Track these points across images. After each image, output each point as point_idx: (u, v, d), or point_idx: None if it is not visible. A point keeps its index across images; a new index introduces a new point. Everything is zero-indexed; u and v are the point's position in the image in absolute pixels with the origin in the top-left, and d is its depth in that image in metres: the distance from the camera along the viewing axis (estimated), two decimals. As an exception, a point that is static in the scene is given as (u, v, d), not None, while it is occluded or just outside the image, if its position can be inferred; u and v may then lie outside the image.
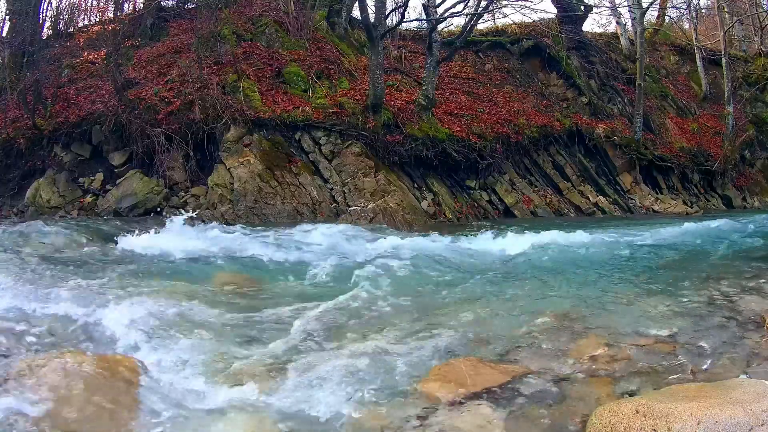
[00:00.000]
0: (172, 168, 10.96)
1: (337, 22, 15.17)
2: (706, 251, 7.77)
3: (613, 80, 16.96)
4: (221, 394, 2.93)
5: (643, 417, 2.42)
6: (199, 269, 6.02)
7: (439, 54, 13.08)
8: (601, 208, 14.05)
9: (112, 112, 11.09)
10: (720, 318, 4.18)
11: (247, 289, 5.34)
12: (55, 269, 5.52)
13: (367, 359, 3.42)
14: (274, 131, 11.08)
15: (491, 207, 12.98)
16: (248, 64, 12.33)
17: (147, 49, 13.48)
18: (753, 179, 17.45)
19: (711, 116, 18.19)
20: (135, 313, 3.96)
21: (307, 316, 4.28)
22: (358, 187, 10.81)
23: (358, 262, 6.40)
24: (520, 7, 23.92)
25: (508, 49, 17.09)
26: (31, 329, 3.56)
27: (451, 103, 14.02)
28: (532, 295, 5.11)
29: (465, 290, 5.36)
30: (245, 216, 9.95)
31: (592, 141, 14.73)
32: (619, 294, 5.13)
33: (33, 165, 11.52)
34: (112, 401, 2.61)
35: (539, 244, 7.65)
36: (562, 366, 3.37)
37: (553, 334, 3.94)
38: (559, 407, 2.87)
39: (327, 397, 2.92)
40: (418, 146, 11.86)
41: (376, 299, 4.93)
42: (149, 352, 3.40)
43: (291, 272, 6.19)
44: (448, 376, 3.17)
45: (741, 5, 20.99)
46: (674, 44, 21.10)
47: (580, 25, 17.61)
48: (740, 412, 2.38)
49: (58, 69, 12.61)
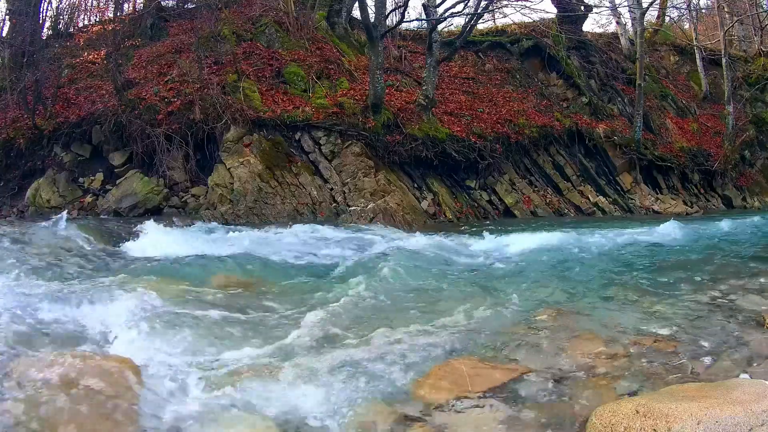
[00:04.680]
0: (172, 168, 10.96)
1: (337, 22, 15.16)
2: (706, 251, 7.76)
3: (613, 80, 16.95)
4: (220, 394, 2.93)
5: (643, 417, 2.42)
6: (198, 269, 6.01)
7: (439, 54, 13.08)
8: (601, 208, 14.04)
9: (112, 112, 11.09)
10: (720, 318, 4.18)
11: (245, 290, 5.34)
12: (55, 269, 5.52)
13: (365, 359, 3.42)
14: (274, 131, 11.07)
15: (491, 207, 12.98)
16: (248, 64, 12.33)
17: (147, 49, 13.48)
18: (753, 179, 17.43)
19: (711, 116, 18.18)
20: (134, 314, 3.96)
21: (305, 316, 4.28)
22: (358, 187, 10.81)
23: (358, 262, 6.40)
24: (520, 7, 23.94)
25: (508, 49, 17.09)
26: (31, 329, 3.56)
27: (451, 103, 14.02)
28: (531, 295, 5.11)
29: (464, 290, 5.35)
30: (245, 216, 9.95)
31: (592, 141, 14.72)
32: (619, 293, 5.13)
33: (33, 165, 11.52)
34: (111, 402, 2.61)
35: (539, 244, 7.65)
36: (562, 365, 3.37)
37: (552, 333, 3.94)
38: (558, 407, 2.87)
39: (325, 397, 2.92)
40: (418, 146, 11.85)
41: (375, 299, 4.93)
42: (148, 352, 3.40)
43: (290, 272, 6.18)
44: (447, 376, 3.16)
45: (741, 5, 20.99)
46: (674, 44, 21.09)
47: (580, 25, 17.60)
48: (740, 412, 2.37)
49: (58, 69, 12.61)
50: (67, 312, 3.93)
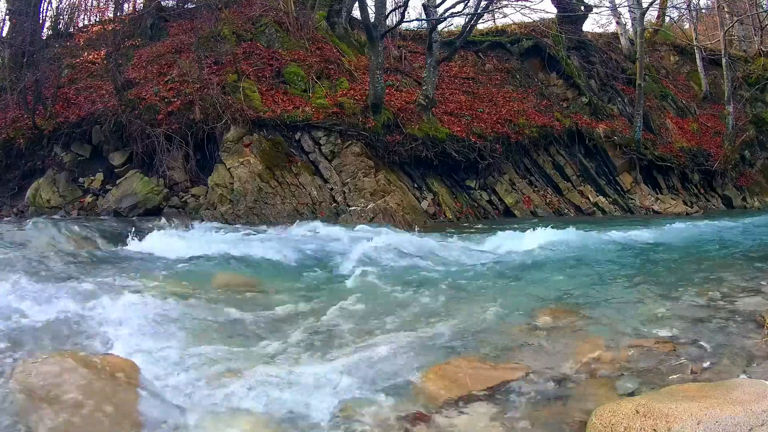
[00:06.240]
0: (172, 168, 10.96)
1: (337, 22, 15.17)
2: (706, 251, 7.77)
3: (613, 80, 16.96)
4: (220, 394, 2.93)
5: (643, 417, 2.42)
6: (198, 269, 6.01)
7: (439, 54, 13.08)
8: (601, 208, 14.05)
9: (112, 112, 11.10)
10: (720, 318, 4.18)
11: (245, 289, 5.34)
12: (55, 269, 5.52)
13: (365, 359, 3.42)
14: (274, 131, 11.08)
15: (491, 207, 12.98)
16: (248, 64, 12.33)
17: (147, 49, 13.48)
18: (753, 179, 17.44)
19: (711, 116, 18.19)
20: (134, 314, 3.96)
21: (304, 316, 4.28)
22: (358, 187, 10.81)
23: (357, 262, 6.40)
24: (520, 7, 23.95)
25: (508, 49, 17.09)
26: (30, 329, 3.56)
27: (451, 103, 14.02)
28: (531, 295, 5.11)
29: (464, 289, 5.36)
30: (245, 216, 9.95)
31: (592, 141, 14.73)
32: (619, 294, 5.13)
33: (33, 165, 11.52)
34: (111, 402, 2.60)
35: (539, 244, 7.65)
36: (562, 366, 3.37)
37: (552, 333, 3.94)
38: (558, 407, 2.87)
39: (325, 397, 2.92)
40: (418, 146, 11.85)
41: (375, 298, 4.94)
42: (148, 352, 3.39)
43: (289, 272, 6.19)
44: (447, 376, 3.16)
45: (741, 5, 20.99)
46: (674, 44, 21.11)
47: (580, 25, 17.61)
48: (740, 412, 2.37)
49: (58, 69, 12.61)
50: (66, 312, 3.93)
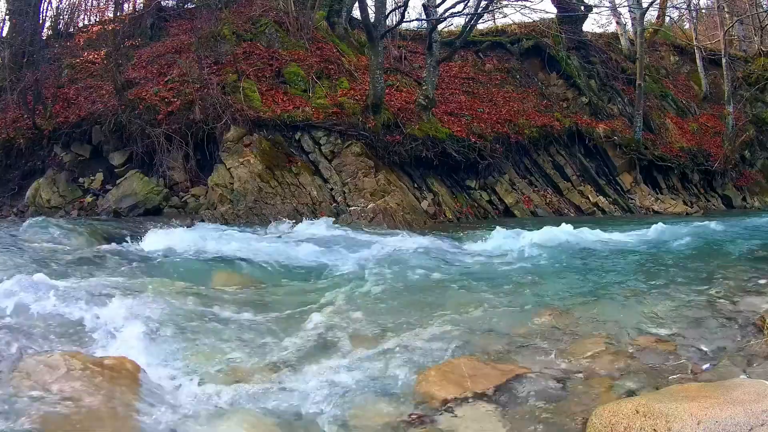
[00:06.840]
0: (172, 168, 10.96)
1: (337, 22, 15.17)
2: (707, 251, 7.76)
3: (613, 80, 16.96)
4: (220, 394, 2.93)
5: (643, 417, 2.42)
6: (198, 269, 6.01)
7: (439, 54, 13.08)
8: (601, 208, 14.05)
9: (112, 112, 11.09)
10: (720, 318, 4.18)
11: (246, 289, 5.34)
12: (55, 269, 5.51)
13: (365, 358, 3.42)
14: (274, 131, 11.07)
15: (491, 207, 12.98)
16: (248, 64, 12.32)
17: (147, 49, 13.48)
18: (753, 179, 17.44)
19: (711, 116, 18.19)
20: (134, 314, 3.96)
21: (306, 316, 4.28)
22: (358, 187, 10.80)
23: (358, 262, 6.40)
24: (520, 7, 23.94)
25: (508, 49, 17.10)
26: (30, 329, 3.56)
27: (451, 103, 14.02)
28: (531, 295, 5.11)
29: (464, 289, 5.35)
30: (245, 216, 9.94)
31: (592, 141, 14.73)
32: (619, 294, 5.13)
33: (33, 165, 11.52)
34: (111, 402, 2.61)
35: (539, 244, 7.65)
36: (562, 365, 3.37)
37: (552, 333, 3.94)
38: (559, 407, 2.87)
39: (325, 397, 2.92)
40: (418, 146, 11.85)
41: (375, 298, 4.94)
42: (148, 352, 3.40)
43: (290, 272, 6.18)
44: (447, 376, 3.16)
45: (741, 5, 21.00)
46: (674, 44, 21.11)
47: (580, 25, 17.61)
48: (740, 412, 2.37)
49: (58, 69, 12.62)
50: (66, 312, 3.93)
